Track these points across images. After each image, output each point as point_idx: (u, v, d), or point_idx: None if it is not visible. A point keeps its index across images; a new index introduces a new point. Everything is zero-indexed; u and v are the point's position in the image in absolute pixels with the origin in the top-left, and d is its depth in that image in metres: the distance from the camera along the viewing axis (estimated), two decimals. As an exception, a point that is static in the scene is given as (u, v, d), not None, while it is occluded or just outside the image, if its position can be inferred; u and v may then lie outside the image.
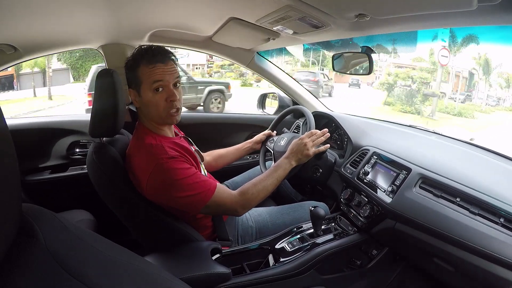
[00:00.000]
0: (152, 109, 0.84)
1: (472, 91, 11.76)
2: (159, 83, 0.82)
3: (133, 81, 0.85)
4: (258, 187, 0.90)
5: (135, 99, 0.87)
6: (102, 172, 0.82)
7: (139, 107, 0.88)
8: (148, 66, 0.82)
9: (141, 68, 0.82)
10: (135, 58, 0.84)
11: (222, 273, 0.79)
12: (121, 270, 0.38)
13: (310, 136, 1.05)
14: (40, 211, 0.36)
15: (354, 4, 0.75)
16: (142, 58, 0.82)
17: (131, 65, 0.84)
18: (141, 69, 0.82)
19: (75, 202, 1.31)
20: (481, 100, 11.26)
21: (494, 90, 11.25)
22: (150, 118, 0.88)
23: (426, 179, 0.85)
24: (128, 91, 0.87)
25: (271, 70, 1.60)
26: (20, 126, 1.38)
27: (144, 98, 0.84)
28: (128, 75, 0.86)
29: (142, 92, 0.84)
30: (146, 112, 0.87)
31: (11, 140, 0.30)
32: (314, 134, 1.06)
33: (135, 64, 0.83)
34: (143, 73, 0.82)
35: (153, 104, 0.84)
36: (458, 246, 0.73)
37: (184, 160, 0.84)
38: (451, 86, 11.61)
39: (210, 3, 0.90)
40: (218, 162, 1.28)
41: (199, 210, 0.83)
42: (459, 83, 11.90)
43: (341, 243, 0.99)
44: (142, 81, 0.83)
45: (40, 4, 0.80)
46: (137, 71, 0.83)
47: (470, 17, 0.71)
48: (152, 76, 0.81)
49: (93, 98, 0.87)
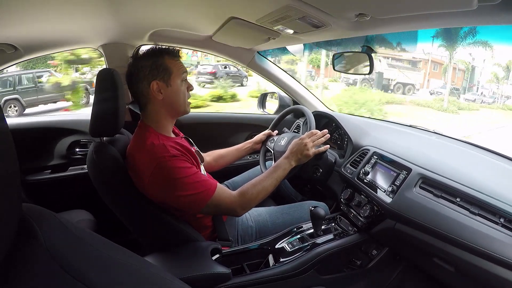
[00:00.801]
0: (180, 97, 0.90)
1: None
2: (185, 74, 0.92)
3: (161, 71, 0.86)
4: (257, 187, 0.90)
5: (159, 91, 0.87)
6: (103, 171, 0.82)
7: (162, 99, 0.88)
8: (173, 59, 0.89)
9: (168, 61, 0.87)
10: (159, 52, 0.88)
11: (222, 273, 0.79)
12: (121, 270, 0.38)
13: (310, 136, 1.05)
14: (40, 211, 0.36)
15: (354, 4, 0.75)
16: (165, 52, 0.88)
17: (156, 58, 0.87)
18: (167, 61, 0.87)
19: (75, 202, 1.31)
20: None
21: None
22: (171, 109, 0.90)
23: (426, 179, 0.85)
24: (150, 83, 0.86)
25: (271, 69, 1.60)
26: (20, 126, 1.38)
27: (174, 87, 0.88)
28: (153, 67, 0.86)
29: (172, 81, 0.88)
30: (171, 102, 0.89)
31: (11, 140, 0.30)
32: (314, 134, 1.06)
33: (162, 56, 0.87)
34: (172, 65, 0.88)
35: (181, 92, 0.90)
36: (458, 246, 0.73)
37: (186, 159, 0.84)
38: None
39: (210, 2, 0.90)
40: (219, 162, 1.29)
41: (200, 209, 0.83)
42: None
43: (341, 243, 0.99)
44: (172, 72, 0.88)
45: (40, 4, 0.80)
46: (164, 63, 0.87)
47: (470, 17, 0.71)
48: (180, 67, 0.90)
49: (93, 97, 0.87)
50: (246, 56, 1.53)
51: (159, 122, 0.90)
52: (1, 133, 0.29)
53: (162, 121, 0.90)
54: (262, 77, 1.63)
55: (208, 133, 1.61)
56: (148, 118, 0.90)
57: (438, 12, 0.70)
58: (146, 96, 0.87)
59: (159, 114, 0.89)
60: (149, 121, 0.89)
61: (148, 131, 0.87)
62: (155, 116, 0.89)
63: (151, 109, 0.89)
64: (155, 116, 0.89)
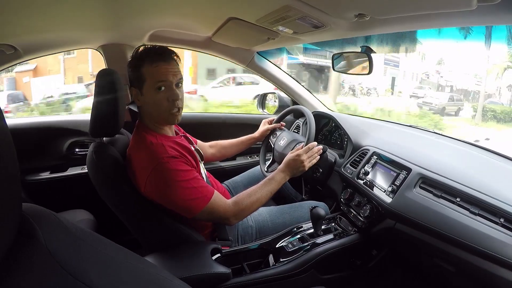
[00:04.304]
0: (154, 108, 0.85)
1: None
2: (162, 82, 0.82)
3: (135, 79, 0.85)
4: (252, 198, 0.91)
5: (136, 98, 0.87)
6: (102, 171, 0.82)
7: (141, 106, 0.88)
8: (151, 65, 0.82)
9: (145, 67, 0.82)
10: (139, 57, 0.84)
11: (222, 273, 0.79)
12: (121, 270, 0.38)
13: (307, 151, 1.04)
14: (40, 211, 0.36)
15: (354, 4, 0.75)
16: (146, 57, 0.83)
17: (135, 64, 0.85)
18: (144, 67, 0.83)
19: (75, 202, 1.31)
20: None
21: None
22: (151, 117, 0.88)
23: (426, 179, 0.85)
24: (130, 89, 0.87)
25: (271, 70, 1.60)
26: (20, 126, 1.38)
27: (146, 96, 0.84)
28: (131, 74, 0.86)
29: (145, 90, 0.84)
30: (147, 111, 0.88)
31: (11, 140, 0.30)
32: (311, 150, 1.06)
33: (139, 63, 0.83)
34: (146, 72, 0.82)
35: (155, 103, 0.84)
36: (458, 246, 0.73)
37: (185, 161, 0.84)
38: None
39: (210, 3, 0.90)
40: (222, 153, 1.31)
41: (193, 215, 0.83)
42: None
43: (341, 243, 0.99)
44: (145, 80, 0.83)
45: (40, 4, 0.80)
46: (141, 69, 0.83)
47: (469, 17, 0.71)
48: (156, 75, 0.82)
49: (93, 98, 0.87)
50: (246, 56, 1.53)
51: (153, 123, 0.89)
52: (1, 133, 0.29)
53: (156, 124, 0.90)
54: (262, 78, 1.63)
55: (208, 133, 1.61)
56: (144, 119, 0.90)
57: (437, 12, 0.70)
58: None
59: (151, 117, 0.89)
60: (146, 122, 0.89)
61: (146, 131, 0.87)
62: (149, 118, 0.89)
63: (142, 112, 0.90)
64: (149, 118, 0.89)
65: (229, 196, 1.03)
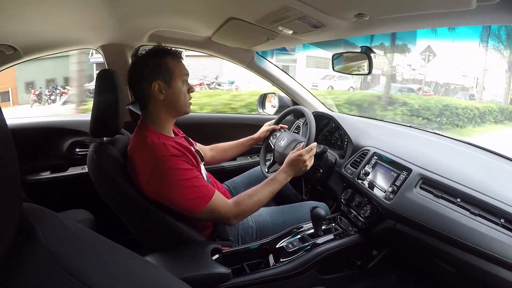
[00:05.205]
0: (180, 98, 0.91)
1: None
2: (186, 76, 0.92)
3: (161, 73, 0.87)
4: (253, 199, 0.91)
5: (159, 91, 0.87)
6: (103, 171, 0.82)
7: (163, 99, 0.88)
8: (175, 60, 0.90)
9: (170, 61, 0.88)
10: (161, 52, 0.88)
11: (222, 273, 0.79)
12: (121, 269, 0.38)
13: (309, 151, 1.04)
14: (41, 210, 0.36)
15: (353, 4, 0.75)
16: (167, 53, 0.89)
17: (158, 59, 0.87)
18: (169, 62, 0.88)
19: (76, 202, 1.31)
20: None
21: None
22: (174, 108, 0.91)
23: (427, 179, 0.85)
24: (154, 83, 0.86)
25: (270, 70, 1.60)
26: (20, 126, 1.38)
27: (175, 88, 0.89)
28: (152, 69, 0.86)
29: (173, 82, 0.88)
30: (172, 102, 0.90)
31: (11, 140, 0.30)
32: (312, 149, 1.05)
33: (163, 58, 0.87)
34: (173, 66, 0.88)
35: (182, 93, 0.91)
36: (459, 247, 0.73)
37: (186, 160, 0.84)
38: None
39: (210, 3, 0.90)
40: (222, 155, 1.31)
41: (194, 214, 0.83)
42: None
43: (341, 244, 0.99)
44: (174, 73, 0.88)
45: (39, 4, 0.80)
46: (166, 63, 0.87)
47: (469, 17, 0.71)
48: (182, 69, 0.91)
49: (93, 98, 0.87)
50: (246, 56, 1.53)
51: (159, 121, 0.90)
52: (1, 133, 0.29)
53: (162, 121, 0.91)
54: (262, 78, 1.63)
55: (208, 134, 1.61)
56: (148, 118, 0.90)
57: (437, 12, 0.70)
58: (147, 96, 0.88)
59: (159, 114, 0.90)
60: (149, 121, 0.90)
61: (148, 130, 0.87)
62: (156, 115, 0.90)
63: (152, 109, 0.89)
64: (156, 115, 0.90)
65: (230, 197, 1.03)
